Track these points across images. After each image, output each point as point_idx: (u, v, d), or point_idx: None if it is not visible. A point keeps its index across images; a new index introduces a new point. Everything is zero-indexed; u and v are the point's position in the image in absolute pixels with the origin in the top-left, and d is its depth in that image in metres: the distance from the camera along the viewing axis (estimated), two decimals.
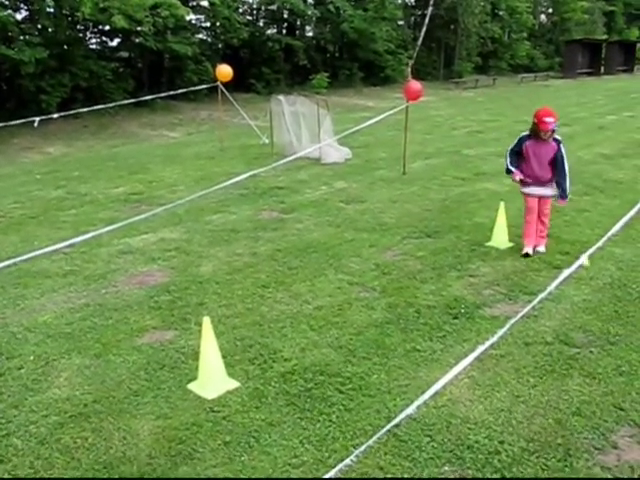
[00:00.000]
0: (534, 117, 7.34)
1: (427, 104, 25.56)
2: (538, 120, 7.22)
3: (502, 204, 7.91)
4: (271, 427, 4.37)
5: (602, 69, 49.06)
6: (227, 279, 7.00)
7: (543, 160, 7.43)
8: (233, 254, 7.81)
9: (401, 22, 37.70)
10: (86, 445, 4.28)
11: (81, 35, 23.55)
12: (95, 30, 24.11)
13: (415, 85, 11.81)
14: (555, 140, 7.40)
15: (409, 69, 12.12)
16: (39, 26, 21.16)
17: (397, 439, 4.20)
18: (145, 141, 19.24)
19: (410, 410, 4.38)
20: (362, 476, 3.88)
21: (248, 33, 27.24)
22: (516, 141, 7.58)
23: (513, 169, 7.59)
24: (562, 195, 7.50)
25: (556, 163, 7.43)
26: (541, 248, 7.69)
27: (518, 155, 7.57)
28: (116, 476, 3.96)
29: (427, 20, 36.46)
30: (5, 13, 18.15)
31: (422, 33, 36.21)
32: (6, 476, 4.03)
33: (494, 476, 3.87)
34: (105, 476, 3.97)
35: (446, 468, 3.94)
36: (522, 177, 7.55)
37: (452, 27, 39.58)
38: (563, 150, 7.43)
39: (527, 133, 7.51)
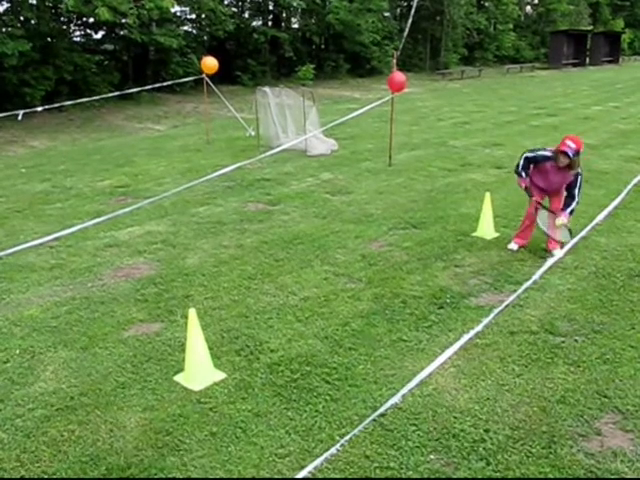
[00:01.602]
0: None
1: (413, 95, 25.61)
2: (561, 142, 6.78)
3: (488, 195, 7.94)
4: (258, 418, 4.39)
5: (587, 60, 49.27)
6: (213, 271, 7.00)
7: (555, 187, 7.15)
8: (219, 246, 7.81)
9: (387, 13, 37.60)
10: (73, 438, 4.28)
11: (65, 27, 23.41)
12: (79, 22, 23.96)
13: (399, 76, 11.82)
14: (576, 175, 6.91)
15: (394, 60, 12.07)
16: (21, 18, 20.99)
17: (383, 428, 4.23)
18: (131, 134, 19.14)
19: (396, 399, 4.43)
20: (348, 465, 3.90)
21: (234, 25, 27.12)
22: (537, 155, 7.10)
23: (523, 175, 7.20)
24: (564, 208, 6.98)
25: (568, 189, 7.03)
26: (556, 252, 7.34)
27: (535, 164, 7.17)
28: (103, 468, 3.96)
29: (413, 11, 36.46)
30: None
31: (408, 24, 36.22)
32: None
33: (479, 464, 3.90)
34: (92, 468, 3.97)
35: (432, 457, 3.97)
36: (528, 185, 7.22)
37: (438, 18, 39.58)
38: (579, 183, 6.95)
39: (550, 154, 6.95)
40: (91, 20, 23.07)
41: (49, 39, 21.39)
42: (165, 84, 20.04)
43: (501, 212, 8.52)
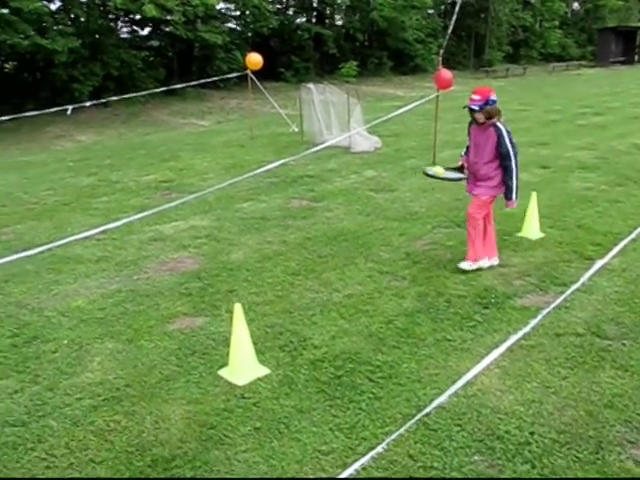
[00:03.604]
0: None
1: (456, 93, 25.32)
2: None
3: (534, 194, 7.84)
4: (301, 414, 4.39)
5: (637, 57, 48.17)
6: (257, 267, 7.04)
7: (480, 150, 6.42)
8: (263, 242, 7.85)
9: (431, 10, 37.40)
10: (119, 428, 4.34)
11: (112, 24, 23.76)
12: (126, 19, 24.30)
13: (446, 74, 11.72)
14: (494, 127, 6.28)
15: (440, 58, 11.98)
16: (72, 16, 21.37)
17: (427, 428, 4.19)
18: (175, 129, 19.35)
19: (442, 399, 4.38)
20: (392, 464, 3.88)
21: (278, 22, 27.22)
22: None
23: (462, 154, 6.83)
24: (506, 194, 6.46)
25: (499, 155, 6.34)
26: (494, 260, 6.85)
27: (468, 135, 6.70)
28: (148, 458, 4.01)
29: (457, 8, 36.02)
30: (40, 4, 18.32)
31: (452, 21, 35.80)
32: (43, 455, 4.10)
33: (524, 467, 3.85)
34: (138, 458, 4.02)
35: (476, 458, 3.93)
36: (463, 164, 6.76)
37: (483, 15, 39.21)
38: (506, 139, 6.26)
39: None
40: (138, 17, 23.38)
41: (97, 36, 21.73)
42: (209, 80, 20.18)
43: (546, 212, 8.39)
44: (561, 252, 7.23)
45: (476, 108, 6.24)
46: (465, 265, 6.69)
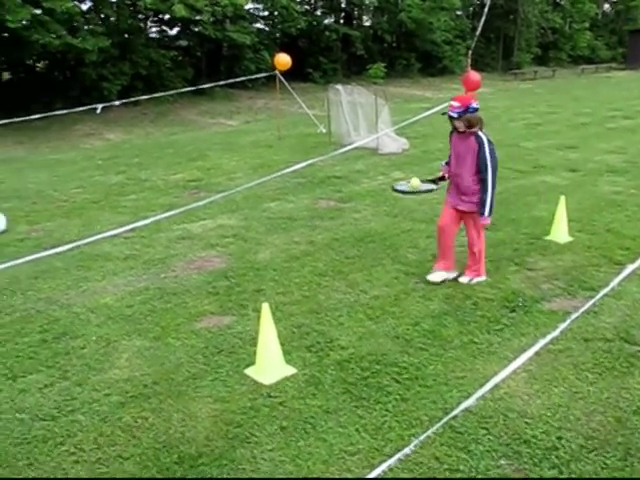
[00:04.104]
0: None
1: (484, 95, 25.23)
2: None
3: (562, 198, 7.77)
4: (327, 414, 4.40)
5: None
6: (284, 267, 7.06)
7: (461, 160, 6.15)
8: (290, 242, 7.87)
9: (459, 12, 37.25)
10: (146, 425, 4.37)
11: (142, 24, 23.93)
12: (155, 19, 24.48)
13: (474, 76, 11.65)
14: (476, 137, 6.00)
15: (469, 59, 11.94)
16: (102, 16, 21.58)
17: (453, 430, 4.17)
18: (203, 129, 19.47)
19: (470, 402, 4.36)
20: (417, 466, 3.88)
21: (306, 22, 27.28)
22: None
23: (442, 163, 6.59)
24: (480, 210, 6.13)
25: (477, 166, 6.04)
26: (463, 278, 6.55)
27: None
28: (175, 455, 4.04)
29: (486, 10, 35.89)
30: (71, 4, 18.53)
31: (481, 23, 35.63)
32: (72, 450, 4.15)
33: (551, 472, 3.81)
34: (165, 455, 4.05)
35: (502, 462, 3.90)
36: (445, 175, 6.48)
37: (512, 17, 38.95)
38: (486, 151, 5.95)
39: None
40: (167, 17, 23.53)
41: (127, 35, 21.94)
42: (238, 80, 20.26)
43: (575, 216, 8.31)
44: (590, 256, 7.17)
45: (455, 115, 5.98)
46: (464, 279, 6.48)
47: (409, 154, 13.33)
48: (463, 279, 6.48)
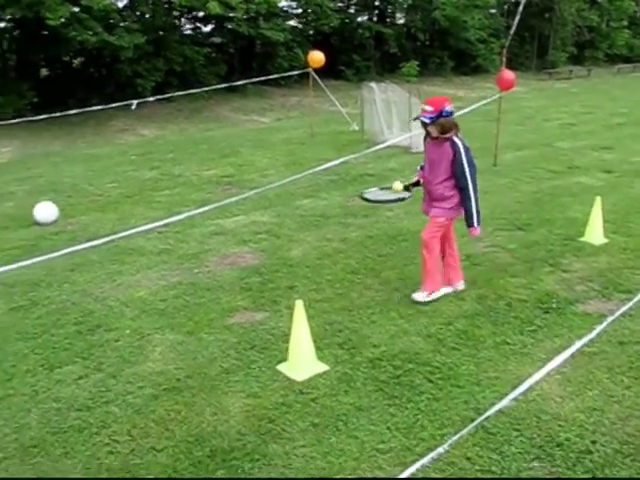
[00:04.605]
0: None
1: (518, 95, 25.02)
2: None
3: (598, 199, 7.68)
4: (359, 412, 4.41)
5: None
6: (317, 263, 7.08)
7: (434, 167, 5.79)
8: (323, 239, 7.88)
9: (494, 10, 36.87)
10: (179, 418, 4.42)
11: (176, 21, 24.06)
12: (189, 16, 24.59)
13: (508, 75, 11.56)
14: (451, 142, 5.62)
15: (503, 58, 11.81)
16: (138, 13, 21.76)
17: (485, 431, 4.16)
18: (236, 125, 19.56)
19: (505, 403, 4.33)
20: (449, 466, 3.87)
21: (339, 20, 27.21)
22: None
23: (418, 168, 6.19)
24: (466, 220, 5.84)
25: (454, 174, 5.70)
26: (459, 285, 6.28)
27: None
28: (207, 449, 4.08)
29: (521, 8, 35.55)
30: (108, 1, 18.74)
31: (515, 21, 35.27)
32: (106, 440, 4.22)
33: (585, 476, 3.78)
34: (197, 449, 4.09)
35: (535, 464, 3.88)
36: (419, 179, 6.11)
37: (547, 15, 38.48)
38: (463, 157, 5.59)
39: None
40: (201, 14, 23.64)
41: (161, 32, 22.05)
42: (271, 77, 20.32)
43: (610, 218, 8.21)
44: (625, 258, 7.08)
45: (427, 121, 5.55)
46: (419, 296, 6.01)
47: None
48: (417, 296, 6.05)
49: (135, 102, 14.56)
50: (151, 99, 16.91)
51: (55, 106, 17.05)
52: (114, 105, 15.73)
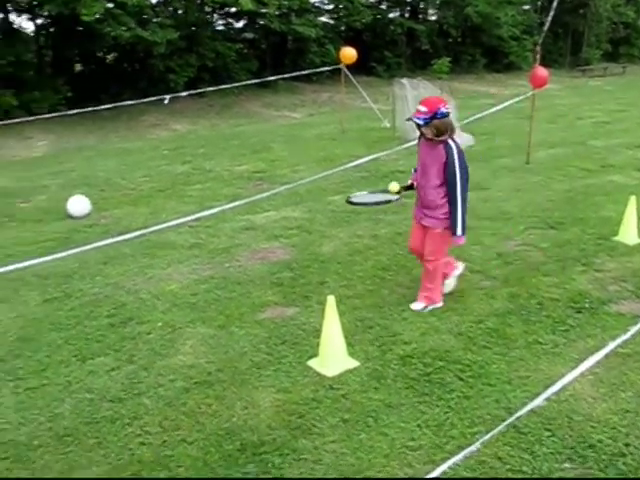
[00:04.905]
0: None
1: (551, 92, 24.75)
2: None
3: (633, 198, 7.57)
4: (389, 408, 4.40)
5: None
6: (348, 260, 7.07)
7: (427, 171, 5.52)
8: (354, 235, 7.87)
9: (527, 6, 36.51)
10: (210, 411, 4.45)
11: (208, 17, 24.17)
12: (222, 12, 24.69)
13: (542, 72, 11.44)
14: (445, 145, 5.34)
15: (537, 55, 11.69)
16: (170, 9, 21.90)
17: (516, 431, 4.13)
18: (268, 121, 19.62)
19: (538, 402, 4.29)
20: (480, 465, 3.85)
21: (371, 16, 27.15)
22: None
23: (413, 170, 5.94)
24: (451, 229, 5.50)
25: (445, 179, 5.41)
26: (415, 305, 5.86)
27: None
28: (238, 443, 4.10)
29: (555, 4, 35.18)
30: None
31: (549, 18, 34.93)
32: (138, 432, 4.27)
33: (617, 478, 3.74)
34: (228, 442, 4.11)
35: (567, 465, 3.84)
36: (414, 183, 5.82)
37: (582, 11, 37.98)
38: (456, 161, 5.30)
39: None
40: (233, 10, 23.73)
41: (194, 28, 22.17)
42: (302, 73, 20.35)
43: None
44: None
45: (421, 122, 5.27)
46: (417, 306, 5.83)
47: (473, 150, 13.15)
48: (415, 305, 5.84)
49: (168, 97, 14.68)
50: (183, 94, 17.01)
51: (89, 101, 17.26)
52: (146, 100, 15.88)
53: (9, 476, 3.91)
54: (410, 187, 5.85)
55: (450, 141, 5.34)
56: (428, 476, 3.69)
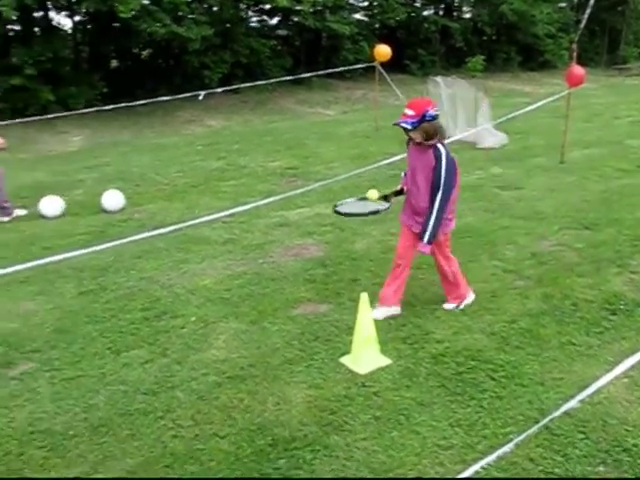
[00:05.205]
0: None
1: (587, 91, 24.42)
2: None
3: None
4: (421, 407, 4.40)
5: None
6: (381, 257, 7.06)
7: (417, 175, 5.35)
8: (387, 233, 7.85)
9: (563, 4, 36.09)
10: (242, 406, 4.48)
11: (243, 14, 24.25)
12: (256, 9, 24.75)
13: (578, 70, 11.30)
14: (435, 150, 5.17)
15: (574, 53, 11.55)
16: (205, 5, 22.01)
17: (549, 432, 4.10)
18: (301, 118, 19.65)
19: (568, 405, 4.26)
20: (512, 466, 3.83)
21: (405, 14, 27.03)
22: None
23: (403, 174, 5.73)
24: (420, 234, 5.35)
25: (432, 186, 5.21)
26: (447, 305, 5.83)
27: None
28: (269, 438, 4.12)
29: (592, 1, 34.72)
30: None
31: (586, 15, 34.46)
32: (170, 425, 4.32)
33: None
34: (259, 437, 4.14)
35: (600, 468, 3.80)
36: (403, 187, 5.69)
37: (620, 9, 37.43)
38: (443, 168, 5.11)
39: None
40: (267, 6, 23.78)
41: (228, 25, 22.26)
42: (336, 70, 20.34)
43: None
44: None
45: (408, 127, 5.08)
46: (449, 306, 5.78)
47: (507, 150, 13.07)
48: (448, 306, 5.81)
49: (203, 93, 14.78)
50: (219, 90, 17.11)
51: (124, 96, 17.43)
52: (181, 96, 15.99)
53: (46, 464, 3.99)
54: (400, 192, 5.69)
55: (440, 145, 5.16)
56: (460, 476, 3.69)
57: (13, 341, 5.49)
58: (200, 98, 14.76)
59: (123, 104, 15.19)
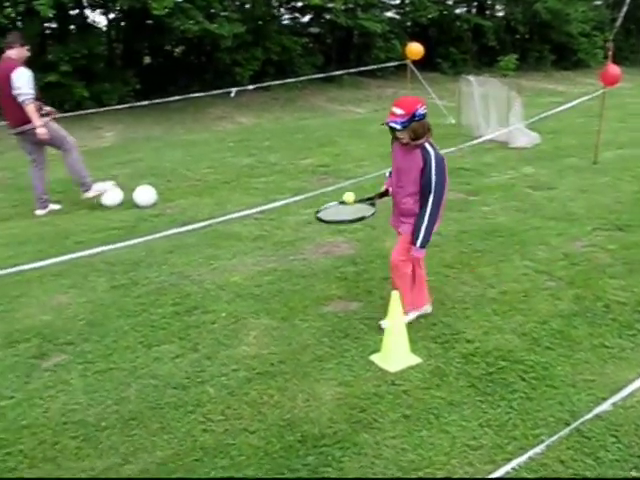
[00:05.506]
0: None
1: (622, 90, 24.04)
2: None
3: None
4: (451, 406, 4.39)
5: None
6: None
7: (403, 177, 5.12)
8: None
9: (599, 2, 35.63)
10: (271, 402, 4.51)
11: (275, 11, 24.31)
12: (289, 6, 24.81)
13: (614, 70, 11.16)
14: (423, 150, 4.94)
15: (610, 52, 11.41)
16: (238, 3, 22.10)
17: (580, 435, 4.06)
18: (332, 115, 19.64)
19: (600, 408, 4.23)
20: (541, 467, 3.81)
21: (437, 12, 26.89)
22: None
23: (387, 174, 5.53)
24: (412, 238, 5.14)
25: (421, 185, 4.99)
26: (426, 309, 5.67)
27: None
28: (298, 434, 4.14)
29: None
30: None
31: (621, 14, 34.00)
32: (201, 419, 4.36)
33: None
34: (289, 433, 4.16)
35: (633, 473, 3.75)
36: (388, 189, 5.41)
37: None
38: (433, 168, 4.88)
39: None
40: (299, 4, 23.84)
41: (260, 22, 22.32)
42: (368, 68, 20.31)
43: None
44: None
45: (398, 127, 4.84)
46: (386, 323, 5.14)
47: (540, 149, 12.95)
48: (408, 317, 5.43)
49: (234, 90, 14.85)
50: (250, 87, 17.16)
51: (156, 93, 17.58)
52: (213, 93, 16.08)
53: (80, 453, 4.05)
54: (384, 194, 5.45)
55: (428, 145, 4.94)
56: (491, 476, 3.67)
57: (47, 333, 5.58)
58: (232, 95, 14.83)
59: (156, 100, 15.32)
